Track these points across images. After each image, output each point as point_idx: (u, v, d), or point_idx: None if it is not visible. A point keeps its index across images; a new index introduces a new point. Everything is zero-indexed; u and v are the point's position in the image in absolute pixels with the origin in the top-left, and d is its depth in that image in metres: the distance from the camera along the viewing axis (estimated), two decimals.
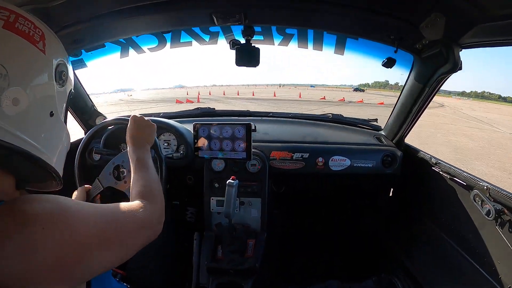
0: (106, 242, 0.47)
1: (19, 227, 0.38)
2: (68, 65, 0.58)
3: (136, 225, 0.55)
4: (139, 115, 0.91)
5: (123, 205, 0.56)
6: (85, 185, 1.03)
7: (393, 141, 1.63)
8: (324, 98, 22.80)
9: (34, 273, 0.38)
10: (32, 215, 0.40)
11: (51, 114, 0.52)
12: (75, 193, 0.98)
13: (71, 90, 0.60)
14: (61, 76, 0.54)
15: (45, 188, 0.58)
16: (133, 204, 0.59)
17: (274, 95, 25.30)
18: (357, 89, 54.95)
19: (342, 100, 20.21)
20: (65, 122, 0.59)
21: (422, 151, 1.49)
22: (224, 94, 27.31)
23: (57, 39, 0.57)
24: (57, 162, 0.55)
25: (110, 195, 1.14)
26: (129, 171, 1.11)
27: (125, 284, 0.88)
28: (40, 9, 0.90)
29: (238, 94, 26.22)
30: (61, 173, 0.56)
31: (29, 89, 0.47)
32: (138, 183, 0.70)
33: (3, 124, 0.43)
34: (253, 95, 25.61)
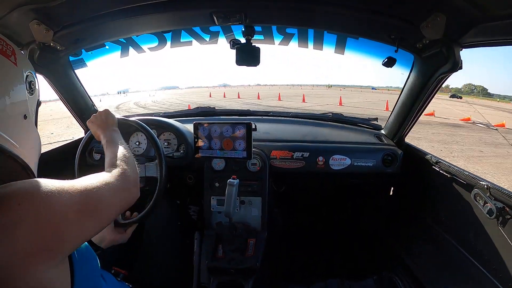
0: (83, 212, 0.49)
1: None
2: (35, 77, 0.64)
3: (110, 191, 0.58)
4: (91, 117, 0.99)
5: (95, 175, 0.60)
6: None
7: (394, 140, 1.63)
8: None
9: (16, 250, 0.39)
10: (7, 194, 0.41)
11: (25, 117, 0.58)
12: None
13: (38, 99, 0.66)
14: (30, 85, 0.61)
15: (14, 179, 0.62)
16: (103, 173, 0.64)
17: (340, 103, 16.36)
18: (454, 96, 42.19)
19: (466, 120, 11.79)
20: (36, 124, 0.65)
21: (422, 150, 1.49)
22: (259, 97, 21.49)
23: (24, 54, 0.66)
24: (30, 161, 0.58)
25: None
26: None
27: (127, 284, 0.89)
28: (40, 8, 0.90)
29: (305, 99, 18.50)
30: (35, 172, 0.60)
31: (7, 94, 0.54)
32: (107, 158, 0.76)
33: None
34: (303, 100, 18.43)
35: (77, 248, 0.51)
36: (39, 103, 0.67)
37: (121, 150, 0.78)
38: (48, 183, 0.47)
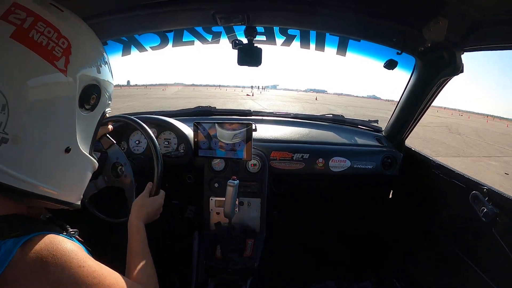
0: None
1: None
2: (102, 84, 0.46)
3: None
4: (159, 195, 0.96)
5: (127, 281, 0.53)
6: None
7: (394, 143, 1.63)
8: None
9: None
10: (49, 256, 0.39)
11: (67, 150, 0.42)
12: None
13: (104, 111, 0.50)
14: (89, 100, 0.43)
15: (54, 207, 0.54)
16: (129, 283, 0.54)
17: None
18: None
19: None
20: (92, 148, 0.50)
21: (422, 153, 1.50)
22: None
23: (93, 44, 0.45)
24: (69, 194, 0.49)
25: (114, 193, 1.15)
26: (125, 164, 1.13)
27: None
28: None
29: None
30: (74, 200, 0.51)
31: (37, 123, 0.37)
32: (134, 260, 0.70)
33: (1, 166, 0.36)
34: None
35: None
36: (105, 113, 0.50)
37: (148, 258, 0.73)
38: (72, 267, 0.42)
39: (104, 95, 0.47)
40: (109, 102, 0.51)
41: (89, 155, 0.48)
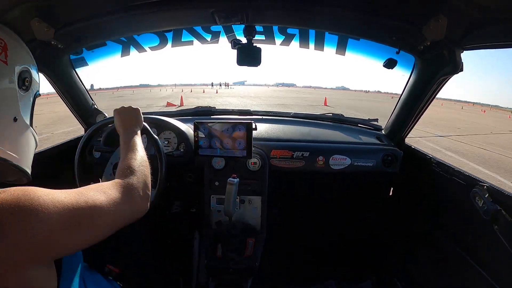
0: (76, 223, 0.48)
1: None
2: (32, 70, 0.61)
3: (108, 203, 0.55)
4: (120, 107, 0.95)
5: (96, 185, 0.57)
6: None
7: (394, 141, 1.63)
8: None
9: (2, 257, 0.40)
10: (0, 205, 0.41)
11: (15, 119, 0.56)
12: None
13: (36, 92, 0.64)
14: (24, 82, 0.58)
15: (9, 180, 0.61)
16: (106, 183, 0.60)
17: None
18: None
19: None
20: (31, 123, 0.63)
21: (422, 151, 1.50)
22: None
23: (22, 46, 0.61)
24: (24, 161, 0.59)
25: None
26: None
27: (118, 283, 0.88)
28: (42, 6, 0.90)
29: None
30: (29, 169, 0.61)
31: None
32: (120, 163, 0.71)
33: None
34: None
35: (68, 254, 0.51)
36: (36, 96, 0.65)
37: (137, 159, 0.73)
38: (41, 192, 0.46)
39: (34, 78, 0.63)
40: (38, 84, 0.66)
41: (30, 127, 0.62)
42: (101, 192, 0.55)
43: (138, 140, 0.83)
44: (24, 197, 0.44)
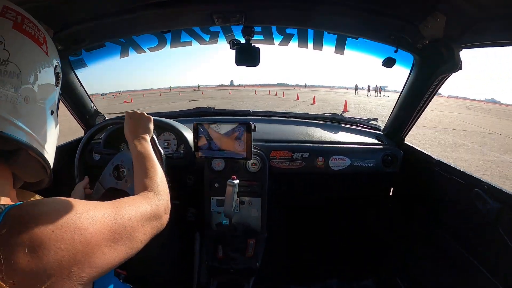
0: (114, 239, 0.47)
1: (29, 231, 0.38)
2: (60, 66, 0.60)
3: (142, 218, 0.55)
4: (132, 111, 0.92)
5: (128, 199, 0.57)
6: (82, 181, 1.03)
7: (393, 141, 1.63)
8: None
9: (43, 275, 0.38)
10: (41, 218, 0.40)
11: (51, 113, 0.55)
12: (73, 192, 0.99)
13: (60, 88, 0.63)
14: (57, 77, 0.57)
15: (36, 186, 0.60)
16: (137, 196, 0.61)
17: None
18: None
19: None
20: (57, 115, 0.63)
21: (422, 150, 1.49)
22: None
23: (52, 41, 0.59)
24: (51, 157, 0.57)
25: (112, 196, 1.14)
26: (129, 170, 1.12)
27: (128, 284, 0.88)
28: (41, 7, 0.90)
29: None
30: (52, 164, 0.58)
31: (37, 88, 0.50)
32: (140, 175, 0.71)
33: (16, 121, 0.46)
34: None
35: (104, 274, 0.48)
36: (60, 94, 0.63)
37: (155, 170, 0.73)
38: (80, 207, 0.45)
39: (61, 73, 0.61)
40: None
41: (57, 121, 0.61)
42: (134, 206, 0.56)
43: (151, 150, 0.82)
44: (64, 211, 0.42)
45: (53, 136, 0.57)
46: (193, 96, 28.20)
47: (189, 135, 1.48)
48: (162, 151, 1.16)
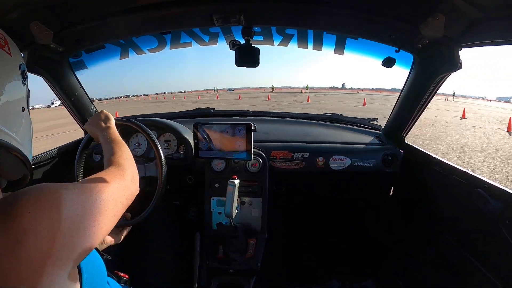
0: (91, 215, 0.49)
1: (6, 218, 0.39)
2: (25, 65, 0.62)
3: (111, 189, 0.58)
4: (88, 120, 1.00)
5: (95, 176, 0.61)
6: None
7: (394, 141, 1.63)
8: None
9: (27, 260, 0.38)
10: (18, 202, 0.40)
11: (23, 109, 0.58)
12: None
13: (28, 88, 0.65)
14: (23, 74, 0.59)
15: (20, 184, 0.61)
16: (101, 172, 0.64)
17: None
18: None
19: None
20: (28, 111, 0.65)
21: (423, 150, 1.49)
22: None
23: (13, 43, 0.61)
24: (28, 152, 0.59)
25: None
26: None
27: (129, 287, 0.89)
28: (40, 9, 0.91)
29: None
30: (31, 159, 0.61)
31: (5, 88, 0.52)
32: (105, 156, 0.78)
33: None
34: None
35: (88, 254, 0.49)
36: (28, 91, 0.66)
37: (117, 146, 0.79)
38: (56, 189, 0.46)
39: (26, 72, 0.63)
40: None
41: (29, 116, 0.63)
42: (103, 180, 0.59)
43: (113, 132, 0.89)
44: (41, 194, 0.43)
45: (27, 131, 0.60)
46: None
47: (189, 136, 1.48)
48: (156, 141, 1.17)
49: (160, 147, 1.18)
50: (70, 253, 0.44)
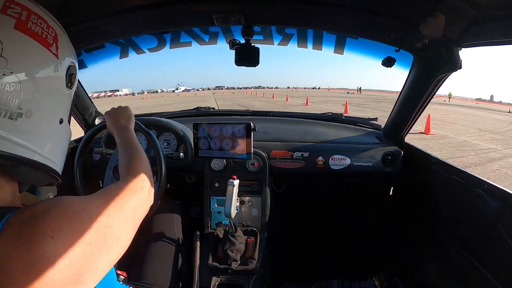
0: (114, 234, 0.46)
1: (28, 245, 0.37)
2: (76, 65, 0.55)
3: (133, 206, 0.55)
4: (110, 109, 0.95)
5: (118, 189, 0.55)
6: None
7: (393, 140, 1.63)
8: None
9: (44, 281, 0.36)
10: (38, 228, 0.38)
11: (61, 122, 0.50)
12: None
13: (76, 88, 0.58)
14: (70, 79, 0.51)
15: (44, 184, 0.57)
16: (125, 184, 0.59)
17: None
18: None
19: None
20: (69, 121, 0.57)
21: (422, 150, 1.49)
22: None
23: (67, 37, 0.53)
24: (59, 164, 0.54)
25: None
26: None
27: (128, 286, 0.89)
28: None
29: None
30: (61, 170, 0.55)
31: (42, 99, 0.44)
32: (123, 161, 0.72)
33: (15, 138, 0.41)
34: None
35: (106, 274, 0.46)
36: (76, 92, 0.57)
37: (137, 156, 0.73)
38: (78, 209, 0.43)
39: (77, 74, 0.56)
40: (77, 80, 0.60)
41: (68, 125, 0.56)
42: (125, 193, 0.55)
43: (133, 136, 0.83)
44: (63, 216, 0.40)
45: (61, 144, 0.53)
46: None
47: (189, 135, 1.48)
48: (156, 140, 1.16)
49: (160, 147, 1.18)
50: (92, 277, 0.42)
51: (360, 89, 47.99)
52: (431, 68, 1.20)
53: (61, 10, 0.95)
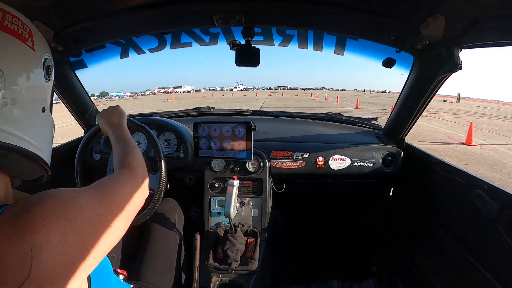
0: (106, 223, 0.48)
1: (19, 233, 0.37)
2: (51, 58, 0.57)
3: (127, 196, 0.57)
4: (102, 111, 0.97)
5: (110, 180, 0.58)
6: None
7: (394, 140, 1.63)
8: None
9: (42, 275, 0.37)
10: (31, 214, 0.39)
11: (43, 110, 0.54)
12: None
13: (53, 81, 0.61)
14: (48, 71, 0.55)
15: (35, 181, 0.59)
16: (117, 175, 0.62)
17: None
18: None
19: None
20: (51, 111, 0.60)
21: (422, 150, 1.50)
22: None
23: (40, 33, 0.56)
24: (47, 153, 0.56)
25: None
26: None
27: (128, 284, 0.89)
28: (41, 9, 0.91)
29: None
30: (49, 160, 0.57)
31: (24, 88, 0.48)
32: (116, 156, 0.74)
33: (1, 126, 0.44)
34: None
35: (99, 262, 0.47)
36: (54, 85, 0.61)
37: (129, 147, 0.76)
38: (69, 199, 0.44)
39: (53, 67, 0.59)
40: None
41: (51, 115, 0.59)
42: (118, 184, 0.58)
43: (125, 132, 0.86)
44: (54, 205, 0.41)
45: (46, 132, 0.56)
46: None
47: (189, 135, 1.49)
48: (156, 139, 1.17)
49: (160, 146, 1.18)
50: (84, 265, 0.43)
51: (459, 96, 32.67)
52: (431, 69, 1.20)
53: (62, 10, 0.95)
